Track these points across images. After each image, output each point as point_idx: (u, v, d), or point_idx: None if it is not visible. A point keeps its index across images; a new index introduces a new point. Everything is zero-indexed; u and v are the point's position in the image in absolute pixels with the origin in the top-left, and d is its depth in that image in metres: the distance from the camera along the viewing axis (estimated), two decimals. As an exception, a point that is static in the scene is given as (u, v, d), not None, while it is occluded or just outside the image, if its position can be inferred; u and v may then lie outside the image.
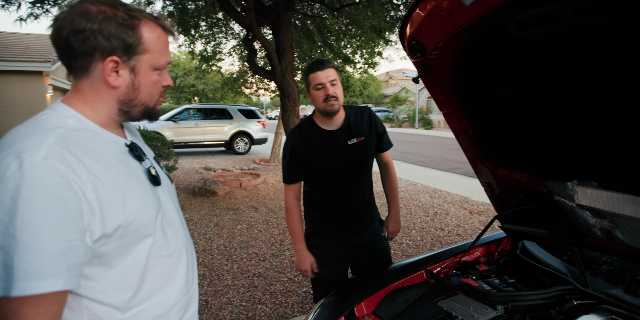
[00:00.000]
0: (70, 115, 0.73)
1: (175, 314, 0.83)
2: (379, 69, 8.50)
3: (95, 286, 0.70)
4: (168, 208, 0.85)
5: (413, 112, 25.17)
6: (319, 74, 1.52)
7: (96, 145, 0.72)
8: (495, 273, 1.70)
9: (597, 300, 1.34)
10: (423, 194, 6.04)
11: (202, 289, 2.82)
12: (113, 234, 0.69)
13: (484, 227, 4.32)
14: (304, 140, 1.62)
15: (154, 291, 0.79)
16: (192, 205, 5.26)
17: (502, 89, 1.21)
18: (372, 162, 1.75)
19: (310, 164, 1.63)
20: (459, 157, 10.32)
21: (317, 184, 1.71)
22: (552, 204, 1.47)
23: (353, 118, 1.67)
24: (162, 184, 0.86)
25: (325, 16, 5.85)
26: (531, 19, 0.82)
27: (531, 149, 1.36)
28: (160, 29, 0.77)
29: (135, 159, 0.81)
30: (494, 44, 1.04)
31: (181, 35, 6.57)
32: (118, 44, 0.71)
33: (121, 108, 0.78)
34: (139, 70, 0.76)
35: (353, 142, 1.64)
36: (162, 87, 0.82)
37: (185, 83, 23.38)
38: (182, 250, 0.86)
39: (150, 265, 0.77)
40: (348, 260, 1.81)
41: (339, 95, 1.54)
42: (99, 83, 0.74)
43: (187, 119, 10.75)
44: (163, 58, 0.79)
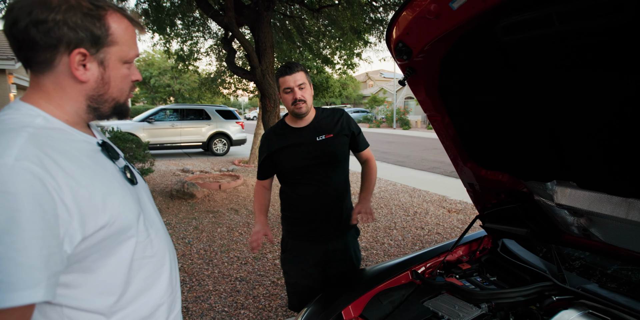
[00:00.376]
0: (35, 115, 0.67)
1: (162, 314, 0.81)
2: (357, 70, 8.56)
3: (77, 294, 0.66)
4: (147, 207, 0.82)
5: (391, 112, 25.53)
6: (288, 78, 1.59)
7: (69, 144, 0.67)
8: (477, 271, 1.73)
9: (575, 296, 1.39)
10: (403, 193, 6.13)
11: (183, 295, 2.74)
12: (95, 237, 0.65)
13: (462, 225, 4.44)
14: (275, 137, 1.72)
15: (141, 293, 0.76)
16: (170, 208, 5.11)
17: (485, 91, 1.23)
18: (344, 164, 1.77)
19: (279, 159, 1.70)
20: (437, 157, 10.55)
21: (289, 182, 1.76)
22: (532, 203, 1.52)
23: (323, 118, 1.74)
24: (138, 184, 0.83)
25: (304, 17, 5.84)
26: (518, 24, 0.84)
27: (513, 150, 1.39)
28: (127, 20, 0.73)
29: (109, 158, 0.76)
30: (479, 47, 1.06)
31: (156, 33, 6.39)
32: (85, 36, 0.66)
33: (90, 104, 0.73)
34: (108, 63, 0.71)
35: (321, 138, 1.69)
36: (131, 81, 0.78)
37: (161, 83, 22.76)
38: (165, 250, 0.83)
39: (135, 267, 0.74)
40: (322, 265, 1.81)
41: (306, 98, 1.62)
42: (65, 78, 0.69)
43: (163, 120, 10.46)
44: (132, 51, 0.75)
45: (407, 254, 3.51)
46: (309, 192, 1.71)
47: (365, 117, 28.97)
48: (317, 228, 1.74)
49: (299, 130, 1.70)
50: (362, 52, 7.03)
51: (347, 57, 7.40)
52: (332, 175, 1.73)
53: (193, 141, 10.72)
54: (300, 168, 1.69)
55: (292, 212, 1.78)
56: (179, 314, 0.91)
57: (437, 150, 12.22)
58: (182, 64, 8.00)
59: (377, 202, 5.57)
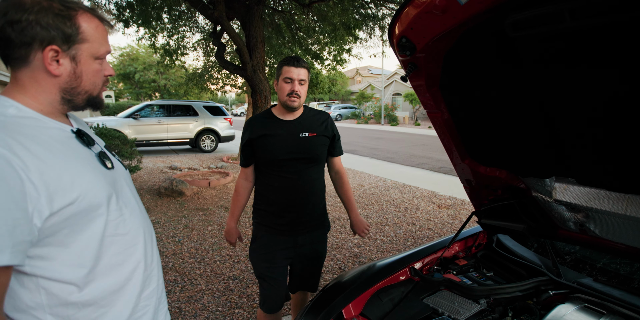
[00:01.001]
0: (8, 105, 0.75)
1: (133, 289, 0.87)
2: (347, 66, 8.53)
3: (51, 265, 0.73)
4: (124, 190, 0.90)
5: (379, 108, 25.64)
6: (292, 69, 1.61)
7: (39, 131, 0.74)
8: (474, 267, 1.75)
9: (571, 290, 1.41)
10: (393, 189, 6.16)
11: (175, 295, 2.69)
12: (63, 213, 0.71)
13: (453, 221, 4.49)
14: (260, 124, 1.72)
15: (112, 267, 0.82)
16: (159, 206, 5.02)
17: (487, 87, 1.22)
18: (321, 164, 1.81)
19: (259, 146, 1.70)
20: (425, 153, 10.65)
21: (266, 173, 1.75)
22: (529, 199, 1.53)
23: (310, 116, 1.77)
24: (115, 168, 0.90)
25: (294, 12, 5.77)
26: (528, 20, 0.83)
27: (512, 147, 1.40)
28: (97, 19, 0.80)
29: (83, 144, 0.84)
30: (484, 43, 1.05)
31: (141, 27, 6.22)
32: (57, 34, 0.73)
33: (64, 96, 0.80)
34: (79, 59, 0.78)
35: (305, 135, 1.71)
36: (104, 76, 0.85)
37: (146, 78, 22.26)
38: (139, 229, 0.90)
39: (107, 243, 0.81)
40: (289, 260, 1.84)
41: (302, 94, 1.65)
42: (39, 72, 0.76)
43: (149, 116, 10.23)
44: (103, 47, 0.81)
45: (400, 249, 3.53)
46: (284, 184, 1.72)
47: (354, 113, 29.02)
48: (288, 222, 1.76)
49: (285, 123, 1.71)
50: (352, 48, 7.00)
51: (336, 53, 7.36)
52: (309, 172, 1.75)
53: (180, 138, 10.54)
54: (279, 160, 1.69)
55: (266, 205, 1.79)
56: (156, 292, 0.97)
57: (426, 146, 12.34)
58: (169, 59, 7.83)
59: (368, 198, 5.59)
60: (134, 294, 0.88)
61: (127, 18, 5.58)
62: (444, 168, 8.20)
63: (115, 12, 5.52)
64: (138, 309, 0.90)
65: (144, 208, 1.01)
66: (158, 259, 1.02)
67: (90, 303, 0.79)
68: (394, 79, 30.44)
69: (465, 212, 4.84)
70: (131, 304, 0.87)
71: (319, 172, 1.81)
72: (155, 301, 0.97)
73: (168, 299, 2.63)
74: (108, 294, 0.82)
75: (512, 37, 0.92)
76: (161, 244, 3.71)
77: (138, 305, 0.89)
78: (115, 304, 0.84)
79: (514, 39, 0.94)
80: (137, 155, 5.32)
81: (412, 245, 3.68)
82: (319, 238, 1.87)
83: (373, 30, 6.24)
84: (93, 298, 0.79)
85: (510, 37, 0.94)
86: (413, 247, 1.83)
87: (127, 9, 5.59)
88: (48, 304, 0.74)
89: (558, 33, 0.85)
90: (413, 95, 23.55)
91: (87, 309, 0.78)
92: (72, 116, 0.91)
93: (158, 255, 1.03)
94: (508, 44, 0.99)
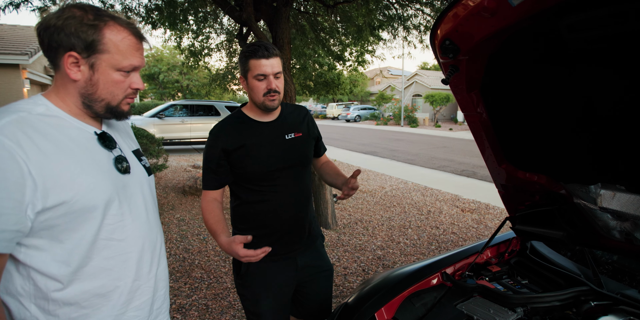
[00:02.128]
0: (41, 103, 0.81)
1: (118, 297, 0.87)
2: (368, 66, 8.49)
3: (42, 257, 0.76)
4: (134, 197, 0.91)
5: (398, 110, 25.38)
6: (264, 62, 1.28)
7: (58, 129, 0.79)
8: (507, 274, 1.70)
9: (614, 301, 1.36)
10: (415, 192, 6.08)
11: (201, 292, 2.74)
12: (57, 209, 0.74)
13: (477, 225, 4.40)
14: (235, 133, 1.38)
15: (100, 271, 0.83)
16: (183, 204, 5.13)
17: (532, 90, 1.19)
18: (310, 167, 1.55)
19: (239, 160, 1.36)
20: (447, 155, 10.46)
21: (251, 190, 1.41)
22: (570, 206, 1.48)
23: (289, 113, 1.49)
24: (132, 173, 0.92)
25: (317, 12, 5.79)
26: (585, 22, 0.80)
27: (554, 152, 1.36)
28: (126, 32, 0.82)
29: (103, 147, 0.87)
30: (532, 45, 1.02)
31: (167, 30, 6.37)
32: (76, 42, 0.78)
33: (83, 101, 0.84)
34: (97, 67, 0.81)
35: (291, 136, 1.44)
36: (130, 89, 0.87)
37: (169, 79, 22.82)
38: (138, 239, 0.90)
39: (99, 246, 0.82)
40: (293, 287, 1.52)
41: (280, 89, 1.34)
42: (65, 76, 0.82)
43: (173, 116, 10.49)
44: (126, 60, 0.83)
45: (424, 253, 3.49)
46: (278, 200, 1.41)
47: (373, 114, 28.84)
48: (285, 244, 1.45)
49: (264, 126, 1.40)
50: (375, 49, 6.95)
51: (359, 53, 7.33)
52: (301, 180, 1.47)
53: (203, 137, 10.75)
54: (272, 171, 1.38)
55: (253, 228, 1.43)
56: (149, 305, 0.95)
57: (447, 148, 12.13)
58: (193, 60, 7.99)
59: (390, 200, 5.54)
60: (119, 302, 0.88)
61: (155, 20, 5.73)
62: (467, 171, 8.04)
63: (144, 14, 5.68)
64: (124, 318, 0.89)
65: (157, 219, 1.01)
66: (161, 271, 1.00)
67: (71, 302, 0.80)
68: (415, 79, 30.06)
69: (490, 217, 4.73)
70: (115, 311, 0.87)
71: (309, 176, 1.54)
72: (147, 312, 0.96)
73: (195, 296, 2.68)
74: (91, 297, 0.83)
75: (566, 39, 0.89)
76: (187, 241, 3.78)
77: (125, 315, 0.89)
78: (99, 308, 0.84)
79: (568, 40, 0.91)
80: (164, 153, 5.46)
81: (437, 249, 3.63)
82: (319, 250, 1.59)
83: (397, 31, 6.18)
84: (74, 298, 0.80)
85: (564, 39, 0.91)
86: (437, 251, 1.80)
87: (156, 11, 5.74)
88: (34, 294, 0.78)
89: (617, 35, 0.82)
90: (434, 96, 23.19)
91: (68, 307, 0.80)
92: (105, 120, 0.93)
93: (164, 268, 1.02)
94: (560, 45, 0.96)
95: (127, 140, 1.00)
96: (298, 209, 1.47)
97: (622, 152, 1.15)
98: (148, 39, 0.90)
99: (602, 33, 0.81)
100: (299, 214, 1.47)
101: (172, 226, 4.22)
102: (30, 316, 0.78)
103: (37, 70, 9.82)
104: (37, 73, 9.68)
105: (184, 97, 23.48)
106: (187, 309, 2.51)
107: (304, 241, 1.51)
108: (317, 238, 1.60)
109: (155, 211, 1.03)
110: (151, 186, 1.02)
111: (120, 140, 0.96)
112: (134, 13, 5.70)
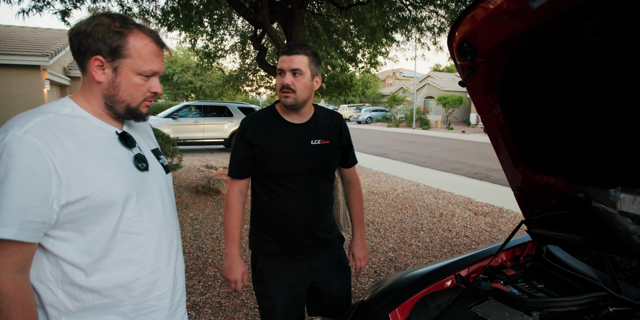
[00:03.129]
0: (68, 105, 0.88)
1: (138, 288, 0.92)
2: (381, 68, 8.47)
3: (67, 248, 0.82)
4: (152, 193, 0.96)
5: (410, 112, 25.22)
6: (284, 58, 1.32)
7: (82, 129, 0.85)
8: (522, 278, 1.69)
9: (633, 307, 1.33)
10: (427, 194, 6.04)
11: (215, 290, 2.78)
12: (79, 203, 0.80)
13: (491, 228, 4.35)
14: (262, 127, 1.40)
15: (121, 262, 0.89)
16: (196, 204, 5.20)
17: (551, 92, 1.19)
18: (333, 175, 1.55)
19: (262, 155, 1.38)
20: (459, 158, 10.36)
21: (269, 188, 1.42)
22: (588, 209, 1.46)
23: (322, 119, 1.47)
24: (150, 171, 0.97)
25: (332, 15, 5.81)
26: (608, 24, 0.80)
27: (573, 154, 1.34)
28: (149, 39, 0.89)
29: (123, 146, 0.92)
30: (552, 47, 1.02)
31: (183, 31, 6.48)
32: (102, 47, 0.84)
33: (106, 102, 0.90)
34: (120, 71, 0.87)
35: (317, 143, 1.42)
36: (149, 92, 0.93)
37: (183, 80, 23.16)
38: (155, 232, 0.95)
39: (119, 238, 0.88)
40: (307, 285, 1.52)
41: (297, 88, 1.32)
42: (91, 79, 0.88)
43: (186, 116, 10.64)
44: (147, 65, 0.89)
45: (436, 256, 3.46)
46: (293, 204, 1.41)
47: (384, 116, 28.72)
48: (297, 246, 1.46)
49: (292, 126, 1.41)
50: (388, 51, 6.94)
51: (372, 55, 7.32)
52: (319, 187, 1.46)
53: (215, 137, 10.87)
54: (289, 174, 1.39)
55: (268, 227, 1.45)
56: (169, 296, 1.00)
57: (459, 151, 12.00)
58: (207, 61, 8.10)
59: (402, 202, 5.52)
60: (139, 292, 0.93)
61: (171, 22, 5.84)
62: (480, 174, 7.95)
63: (160, 16, 5.79)
64: (144, 307, 0.95)
65: (174, 215, 1.06)
66: (179, 265, 1.05)
67: (94, 290, 0.86)
68: (427, 81, 29.84)
69: (504, 220, 4.67)
70: (135, 300, 0.92)
71: (331, 183, 1.53)
72: (168, 304, 1.00)
73: (209, 294, 2.72)
74: (113, 286, 0.88)
75: (587, 41, 0.89)
76: (200, 240, 3.84)
77: (144, 304, 0.94)
78: (120, 297, 0.90)
79: (590, 43, 0.91)
80: (178, 153, 5.55)
81: (449, 252, 3.60)
82: (339, 254, 1.60)
83: (410, 33, 6.16)
84: (97, 286, 0.86)
85: (585, 41, 0.91)
86: (450, 254, 1.79)
87: (172, 14, 5.85)
88: (62, 280, 0.84)
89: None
90: (447, 98, 22.98)
91: (91, 294, 0.86)
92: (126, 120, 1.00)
93: (181, 261, 1.08)
94: (581, 48, 0.96)
95: (146, 140, 1.05)
96: (313, 215, 1.45)
97: (644, 156, 1.14)
98: (167, 50, 0.95)
99: (626, 35, 0.81)
100: (313, 219, 1.45)
101: (185, 225, 4.28)
102: (58, 301, 0.84)
103: (57, 72, 10.08)
104: (57, 74, 9.94)
105: (197, 98, 23.79)
106: (200, 306, 2.55)
107: (317, 245, 1.50)
108: (335, 240, 1.59)
109: (173, 207, 1.07)
110: (168, 183, 1.07)
111: (140, 139, 1.01)
112: (150, 15, 5.82)
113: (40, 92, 8.72)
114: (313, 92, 1.40)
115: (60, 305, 0.84)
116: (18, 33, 10.64)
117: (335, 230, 1.61)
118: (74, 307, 0.85)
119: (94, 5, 4.82)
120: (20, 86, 8.52)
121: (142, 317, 0.95)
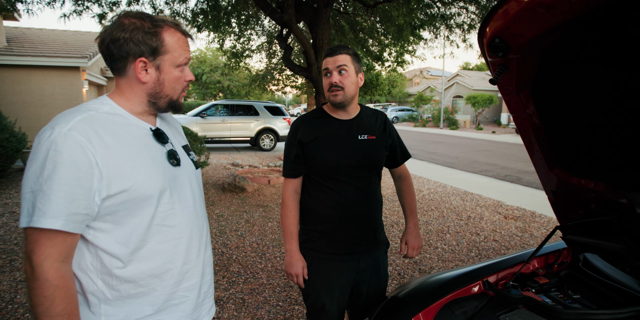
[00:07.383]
0: (106, 103, 0.92)
1: (170, 278, 0.96)
2: (408, 67, 8.32)
3: (106, 238, 0.87)
4: (183, 187, 0.99)
5: (438, 111, 24.64)
6: (328, 60, 1.41)
7: (120, 126, 0.89)
8: (556, 287, 1.60)
9: (681, 324, 1.23)
10: (454, 196, 5.87)
11: (239, 286, 2.82)
12: (118, 197, 0.84)
13: (522, 233, 4.17)
14: (311, 126, 1.49)
15: (155, 253, 0.93)
16: (222, 201, 5.31)
17: (590, 90, 1.11)
18: (380, 171, 1.58)
19: (314, 151, 1.46)
20: (488, 159, 10.01)
21: (319, 184, 1.49)
22: (632, 216, 1.36)
23: (367, 116, 1.55)
24: (182, 166, 1.00)
25: (359, 13, 5.76)
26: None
27: (615, 157, 1.25)
28: (179, 33, 0.94)
29: (157, 142, 0.96)
30: (595, 41, 0.95)
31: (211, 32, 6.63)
32: (145, 48, 0.89)
33: (150, 100, 0.95)
34: (162, 68, 0.92)
35: (363, 138, 1.49)
36: (185, 82, 0.98)
37: (211, 79, 23.76)
38: (187, 226, 0.99)
39: (154, 230, 0.92)
40: (351, 287, 1.56)
41: (345, 85, 1.40)
42: (133, 80, 0.92)
43: (214, 115, 10.89)
44: (182, 56, 0.95)
45: (462, 260, 3.36)
46: (346, 199, 1.46)
47: (411, 115, 28.23)
48: (350, 245, 1.50)
49: (339, 122, 1.49)
50: (415, 49, 6.80)
51: (398, 54, 7.20)
52: (371, 182, 1.52)
53: (242, 136, 11.07)
54: (339, 167, 1.44)
55: (319, 225, 1.49)
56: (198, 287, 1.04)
57: (489, 152, 11.60)
58: (235, 61, 8.25)
59: (427, 204, 5.39)
60: (171, 282, 0.97)
61: (200, 24, 6.00)
62: (511, 176, 7.64)
63: (190, 18, 5.96)
64: (175, 297, 0.98)
65: (203, 209, 1.10)
66: (208, 257, 1.09)
67: (130, 280, 0.90)
68: (456, 80, 29.03)
69: (536, 225, 4.46)
70: (167, 290, 0.97)
71: (379, 180, 1.58)
72: (196, 295, 1.04)
73: (232, 290, 2.76)
74: (147, 277, 0.92)
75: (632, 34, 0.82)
76: (225, 236, 3.91)
77: (175, 294, 0.98)
78: (154, 287, 0.94)
79: (634, 37, 0.84)
80: (206, 151, 5.68)
81: (476, 256, 3.48)
82: (382, 257, 1.63)
83: (439, 30, 6.01)
84: (133, 276, 0.90)
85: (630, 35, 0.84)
86: (477, 259, 1.71)
87: (201, 15, 6.00)
88: (101, 270, 0.88)
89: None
90: (476, 97, 22.26)
91: (127, 284, 0.90)
92: (163, 117, 1.07)
93: (209, 255, 1.11)
94: (624, 42, 0.88)
95: (177, 137, 1.09)
96: (361, 211, 1.49)
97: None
98: (192, 39, 1.01)
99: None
100: (362, 216, 1.50)
101: (211, 221, 4.38)
102: (97, 290, 0.89)
103: (95, 72, 10.60)
104: (95, 75, 10.46)
105: (225, 97, 24.33)
106: (224, 301, 2.60)
107: (367, 245, 1.53)
108: (383, 244, 1.62)
109: (202, 202, 1.11)
110: (198, 179, 1.10)
111: (171, 136, 1.05)
112: (181, 17, 6.00)
113: (80, 91, 9.20)
114: (358, 88, 1.49)
115: (100, 293, 0.89)
116: (60, 36, 11.27)
117: (383, 234, 1.64)
118: (112, 296, 0.90)
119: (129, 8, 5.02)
120: (62, 86, 9.04)
121: (171, 308, 0.99)
